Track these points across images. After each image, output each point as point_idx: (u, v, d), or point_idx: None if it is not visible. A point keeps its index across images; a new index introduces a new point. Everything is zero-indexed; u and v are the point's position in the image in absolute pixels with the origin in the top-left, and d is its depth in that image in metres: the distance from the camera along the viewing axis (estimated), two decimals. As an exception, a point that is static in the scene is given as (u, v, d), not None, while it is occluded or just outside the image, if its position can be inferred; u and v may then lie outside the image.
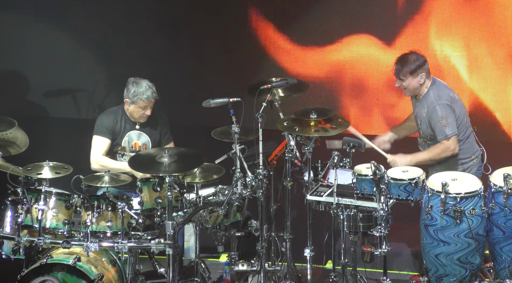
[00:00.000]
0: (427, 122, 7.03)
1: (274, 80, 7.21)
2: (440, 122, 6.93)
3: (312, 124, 6.88)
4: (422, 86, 7.06)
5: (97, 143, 7.42)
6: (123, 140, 7.47)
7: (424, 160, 6.99)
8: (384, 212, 6.53)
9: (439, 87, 7.08)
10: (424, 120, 7.07)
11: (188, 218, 6.79)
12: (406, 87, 7.08)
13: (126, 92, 7.38)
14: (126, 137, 7.47)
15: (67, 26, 8.53)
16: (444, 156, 6.98)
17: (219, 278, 7.48)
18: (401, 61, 7.07)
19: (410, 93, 7.13)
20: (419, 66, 7.03)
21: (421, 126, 7.12)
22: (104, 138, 7.40)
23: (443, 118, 6.93)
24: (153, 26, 8.43)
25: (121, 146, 7.46)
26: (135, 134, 7.46)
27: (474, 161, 7.10)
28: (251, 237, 7.16)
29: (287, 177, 7.10)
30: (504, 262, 6.54)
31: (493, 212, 6.55)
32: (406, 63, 7.03)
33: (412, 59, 7.04)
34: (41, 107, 8.71)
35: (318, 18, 8.26)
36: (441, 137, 6.95)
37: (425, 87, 7.08)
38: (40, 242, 6.71)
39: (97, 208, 6.80)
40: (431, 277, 6.64)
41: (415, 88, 7.07)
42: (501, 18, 7.90)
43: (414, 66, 7.02)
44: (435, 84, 7.09)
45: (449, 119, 6.92)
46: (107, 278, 6.79)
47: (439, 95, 7.01)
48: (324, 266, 7.57)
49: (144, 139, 7.46)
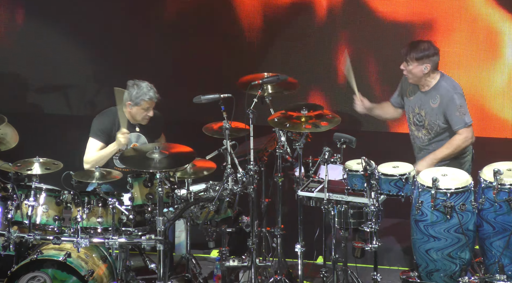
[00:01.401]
0: (441, 112, 6.99)
1: (265, 76, 7.20)
2: (459, 111, 6.93)
3: (303, 120, 6.88)
4: (425, 76, 7.05)
5: (91, 145, 7.39)
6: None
7: (446, 155, 6.96)
8: (375, 207, 6.54)
9: (450, 79, 7.09)
10: (433, 111, 7.03)
11: (179, 214, 6.79)
12: (410, 71, 7.07)
13: (127, 94, 7.32)
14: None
15: (59, 22, 8.51)
16: (464, 147, 6.97)
17: (210, 274, 7.48)
18: (412, 44, 7.08)
19: (413, 80, 7.10)
20: (427, 56, 7.02)
21: (425, 118, 7.09)
22: (98, 141, 7.37)
23: (462, 107, 6.94)
24: (144, 21, 8.41)
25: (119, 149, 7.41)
26: (133, 136, 7.42)
27: (468, 157, 7.12)
28: (242, 233, 7.16)
29: (278, 173, 7.11)
30: (494, 257, 6.56)
31: (483, 207, 6.56)
32: (416, 48, 7.03)
33: (423, 46, 7.04)
34: (31, 103, 8.69)
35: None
36: (460, 126, 6.93)
37: (433, 79, 7.06)
38: (30, 238, 6.70)
39: (88, 204, 6.78)
40: (421, 272, 6.65)
41: (418, 76, 7.05)
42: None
43: (422, 54, 7.02)
44: (445, 76, 7.10)
45: (465, 108, 6.95)
46: (98, 274, 6.79)
47: (454, 85, 7.03)
48: (315, 261, 7.58)
49: (143, 141, 7.43)
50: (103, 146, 7.35)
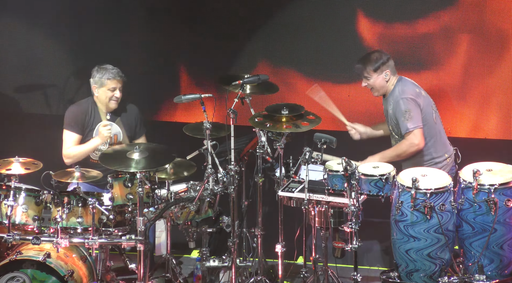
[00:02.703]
0: (394, 118, 7.06)
1: (246, 76, 7.20)
2: (404, 116, 6.97)
3: (284, 120, 6.89)
4: (388, 83, 7.09)
5: (67, 138, 7.37)
6: (94, 131, 7.43)
7: (391, 157, 7.01)
8: (355, 207, 6.55)
9: (404, 83, 7.12)
10: (391, 117, 7.10)
11: (160, 214, 6.78)
12: (372, 86, 7.11)
13: (92, 79, 7.36)
14: (97, 129, 7.42)
15: (37, 20, 8.46)
16: (411, 152, 7.01)
17: (191, 274, 7.48)
18: (363, 59, 7.11)
19: (378, 93, 7.14)
20: (383, 63, 7.07)
21: (390, 124, 7.16)
22: (73, 133, 7.36)
23: (406, 112, 6.97)
24: (124, 19, 8.38)
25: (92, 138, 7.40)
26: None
27: (447, 160, 7.15)
28: (223, 233, 7.16)
29: (258, 173, 7.11)
30: (473, 258, 6.60)
31: (462, 207, 6.60)
32: (369, 61, 7.07)
33: (375, 57, 7.08)
34: (11, 102, 8.64)
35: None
36: (404, 131, 6.99)
37: (392, 84, 7.11)
38: (10, 238, 6.66)
39: (68, 204, 6.75)
40: (401, 273, 6.68)
41: (382, 86, 7.10)
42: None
43: (378, 64, 7.05)
44: (401, 80, 7.13)
45: (412, 113, 6.96)
46: (78, 274, 6.76)
47: (403, 90, 7.05)
48: (295, 261, 7.59)
49: (115, 130, 7.42)
50: (79, 138, 7.34)
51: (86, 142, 7.34)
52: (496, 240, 6.54)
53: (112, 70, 7.35)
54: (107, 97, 7.34)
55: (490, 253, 6.56)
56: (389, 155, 7.02)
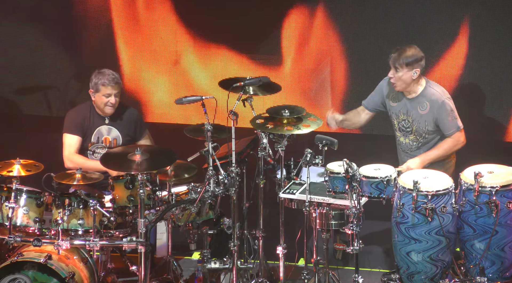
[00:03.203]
0: (431, 118, 7.02)
1: (247, 78, 7.20)
2: (451, 115, 6.99)
3: (285, 122, 6.89)
4: (414, 82, 7.08)
5: (68, 141, 7.37)
6: (93, 135, 7.43)
7: (437, 156, 7.01)
8: (356, 209, 6.55)
9: (436, 84, 7.13)
10: (421, 118, 7.05)
11: (161, 216, 6.78)
12: (399, 79, 7.08)
13: (90, 84, 7.37)
14: (96, 133, 7.43)
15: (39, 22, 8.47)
16: (455, 150, 7.03)
17: (192, 276, 7.47)
18: (400, 50, 7.08)
19: (401, 87, 7.12)
20: (417, 60, 7.05)
21: (413, 124, 7.11)
22: (74, 136, 7.36)
23: (453, 111, 7.01)
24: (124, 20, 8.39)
25: (91, 142, 7.42)
26: (105, 129, 7.41)
27: (452, 161, 7.16)
28: (224, 235, 7.15)
29: (259, 175, 7.11)
30: (475, 260, 6.59)
31: (463, 209, 6.60)
32: (405, 54, 7.05)
33: (412, 51, 7.06)
34: (12, 104, 8.64)
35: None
36: (454, 130, 6.98)
37: (420, 85, 7.09)
38: (11, 240, 6.66)
39: (69, 206, 6.76)
40: (402, 275, 6.67)
41: (407, 82, 7.08)
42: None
43: (412, 59, 7.04)
44: (431, 82, 7.13)
45: (455, 112, 7.01)
46: (79, 276, 6.76)
47: (443, 90, 7.08)
48: (297, 263, 7.59)
49: (114, 134, 7.42)
50: (80, 140, 7.35)
51: (94, 161, 7.33)
52: (497, 242, 6.54)
53: (108, 75, 7.32)
54: (102, 102, 7.34)
55: (491, 255, 6.56)
56: (434, 155, 7.00)
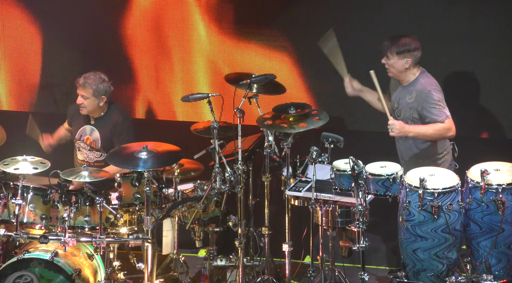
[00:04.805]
0: (415, 107, 7.00)
1: (253, 76, 7.20)
2: (438, 105, 6.95)
3: (291, 120, 6.89)
4: (406, 71, 7.07)
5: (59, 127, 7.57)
6: (78, 132, 7.44)
7: (425, 133, 6.94)
8: (362, 207, 6.55)
9: (428, 76, 7.11)
10: (407, 106, 7.06)
11: (167, 213, 6.79)
12: (391, 65, 7.08)
13: None
14: (81, 131, 7.44)
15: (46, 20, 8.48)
16: (445, 136, 6.97)
17: (198, 273, 7.48)
18: (392, 39, 7.08)
19: (393, 74, 7.11)
20: (408, 50, 7.03)
21: (401, 112, 7.11)
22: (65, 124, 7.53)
23: (440, 101, 6.96)
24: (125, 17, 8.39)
25: (75, 138, 7.45)
26: (89, 128, 7.41)
27: (445, 157, 7.14)
28: (230, 232, 7.16)
29: (265, 173, 7.11)
30: (481, 257, 6.59)
31: (470, 207, 6.59)
32: (396, 43, 7.04)
33: (405, 41, 7.05)
34: (18, 101, 8.66)
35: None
36: (443, 117, 6.92)
37: (412, 74, 7.08)
38: (17, 237, 6.68)
39: (75, 203, 6.77)
40: (408, 272, 6.67)
41: (399, 70, 7.07)
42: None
43: (403, 48, 7.03)
44: (425, 73, 7.12)
45: (443, 102, 6.96)
46: (85, 273, 6.77)
47: (431, 81, 7.05)
48: (302, 261, 7.59)
49: (95, 136, 7.39)
50: (65, 128, 7.56)
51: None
52: (504, 239, 6.53)
53: (83, 78, 7.33)
54: (77, 102, 7.39)
55: (498, 252, 6.55)
56: (423, 130, 6.90)
